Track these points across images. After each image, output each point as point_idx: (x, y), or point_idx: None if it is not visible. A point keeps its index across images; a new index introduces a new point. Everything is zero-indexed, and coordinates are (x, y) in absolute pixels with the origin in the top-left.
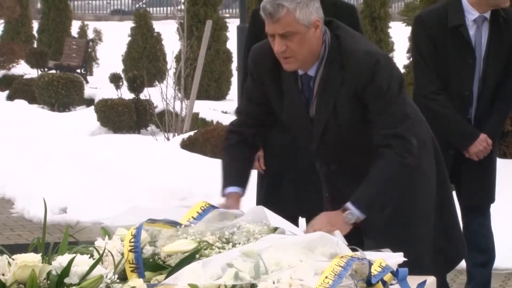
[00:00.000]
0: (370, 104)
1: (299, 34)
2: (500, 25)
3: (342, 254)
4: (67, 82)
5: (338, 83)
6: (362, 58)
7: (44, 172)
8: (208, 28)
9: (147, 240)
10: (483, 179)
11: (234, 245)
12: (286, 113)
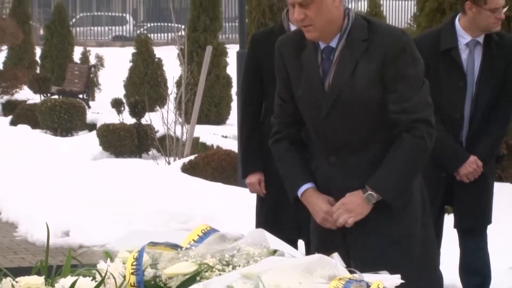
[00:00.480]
0: (393, 86)
1: (317, 3)
2: (493, 49)
3: (341, 276)
4: (69, 107)
5: (360, 52)
6: (393, 31)
7: (47, 196)
8: (208, 53)
9: (148, 262)
10: (478, 201)
11: (234, 267)
12: (302, 91)
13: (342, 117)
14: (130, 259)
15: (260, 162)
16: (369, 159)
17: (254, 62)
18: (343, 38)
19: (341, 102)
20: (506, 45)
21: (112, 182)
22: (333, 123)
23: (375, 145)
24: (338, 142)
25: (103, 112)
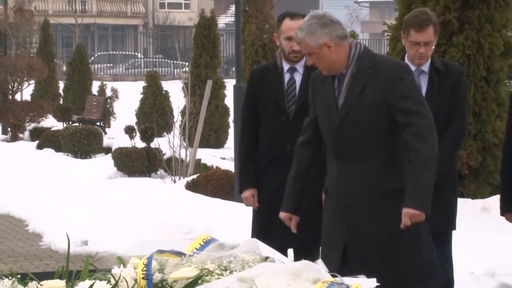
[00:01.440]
0: (395, 105)
1: (315, 54)
2: (438, 77)
3: (324, 279)
4: (88, 133)
5: (366, 77)
6: (394, 61)
7: (68, 210)
8: (208, 87)
9: (156, 268)
10: (443, 207)
11: (231, 272)
12: (321, 108)
13: (351, 129)
14: (141, 265)
15: (254, 179)
16: (371, 166)
17: (251, 93)
18: (351, 65)
19: (350, 117)
20: (451, 73)
21: (125, 198)
22: (344, 133)
23: (376, 155)
24: (346, 151)
25: (117, 137)
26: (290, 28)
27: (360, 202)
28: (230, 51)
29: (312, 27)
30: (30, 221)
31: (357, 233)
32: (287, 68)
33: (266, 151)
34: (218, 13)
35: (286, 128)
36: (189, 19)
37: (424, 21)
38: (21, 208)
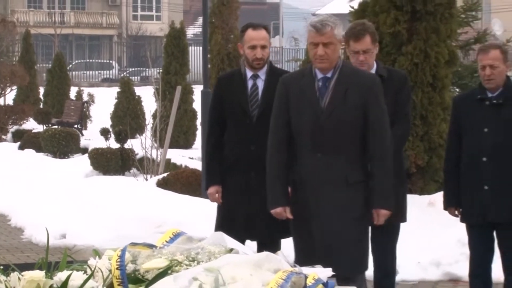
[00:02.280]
0: (370, 108)
1: (333, 45)
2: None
3: (284, 269)
4: (66, 135)
5: (348, 82)
6: (367, 71)
7: (48, 206)
8: (178, 92)
9: (129, 259)
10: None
11: (199, 262)
12: (302, 105)
13: (334, 126)
14: (115, 256)
15: (219, 177)
16: (346, 158)
17: (218, 97)
18: (337, 72)
19: (334, 116)
20: (394, 79)
21: (100, 195)
22: (329, 130)
23: (355, 145)
24: (327, 144)
25: (93, 139)
26: (253, 38)
27: (333, 190)
28: (198, 59)
29: (337, 22)
30: (12, 216)
31: (329, 217)
32: (250, 75)
33: (232, 151)
34: (186, 24)
35: (250, 130)
36: (160, 30)
37: (360, 31)
38: (4, 204)
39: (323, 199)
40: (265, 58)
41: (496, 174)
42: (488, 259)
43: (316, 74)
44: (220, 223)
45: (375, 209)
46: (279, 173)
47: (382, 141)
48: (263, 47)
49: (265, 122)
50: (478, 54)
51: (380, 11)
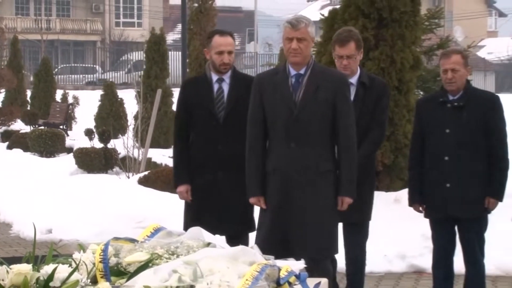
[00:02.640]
0: (339, 104)
1: (307, 41)
2: (363, 90)
3: (259, 262)
4: (52, 136)
5: (319, 79)
6: (337, 70)
7: (35, 202)
8: (158, 95)
9: (112, 253)
10: (359, 202)
11: (178, 256)
12: (276, 100)
13: (307, 118)
14: (98, 250)
15: (188, 176)
16: (317, 148)
17: (184, 100)
18: (309, 69)
19: (307, 110)
20: (375, 87)
21: (85, 192)
22: (302, 122)
23: (324, 138)
24: (300, 135)
25: (78, 139)
26: (220, 44)
27: (305, 177)
28: (177, 64)
29: (311, 21)
30: (0, 212)
31: (300, 203)
32: (216, 79)
33: (199, 151)
34: (166, 30)
35: (217, 131)
36: (141, 36)
37: (345, 38)
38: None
39: (296, 186)
40: (231, 63)
41: (457, 172)
42: (450, 252)
43: (290, 71)
44: (190, 219)
45: (340, 196)
46: (258, 163)
47: (348, 135)
48: (229, 52)
49: (231, 123)
50: (441, 59)
51: (349, 19)
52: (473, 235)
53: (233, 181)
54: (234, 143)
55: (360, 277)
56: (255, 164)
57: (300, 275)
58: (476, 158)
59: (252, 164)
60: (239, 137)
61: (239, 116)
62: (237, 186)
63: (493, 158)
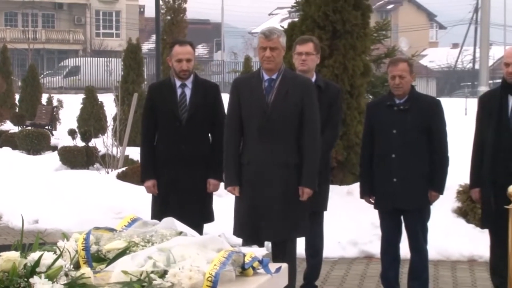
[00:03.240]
0: (306, 106)
1: (278, 50)
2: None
3: (226, 249)
4: (38, 135)
5: (289, 84)
6: (305, 76)
7: (23, 196)
8: (134, 99)
9: (93, 241)
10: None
11: (153, 244)
12: (251, 101)
13: (278, 118)
14: (81, 239)
15: (154, 172)
16: (286, 144)
17: (150, 104)
18: (281, 75)
19: (278, 111)
20: (330, 91)
21: (68, 186)
22: (273, 122)
23: (293, 136)
24: (271, 133)
25: (62, 138)
26: (179, 53)
27: (276, 170)
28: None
29: (282, 33)
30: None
31: (271, 192)
32: (179, 84)
33: (164, 150)
34: (142, 40)
35: (180, 132)
36: (119, 45)
37: (306, 38)
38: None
39: (267, 178)
40: (190, 70)
41: (403, 169)
42: (397, 239)
43: (263, 76)
44: (157, 211)
45: (301, 186)
46: (235, 155)
47: (313, 134)
48: (188, 60)
49: (193, 124)
50: (389, 66)
51: (306, 30)
52: (417, 225)
53: (194, 177)
54: (196, 143)
55: (318, 261)
56: (232, 156)
57: (263, 260)
58: (420, 156)
59: (230, 157)
60: (200, 137)
61: (200, 118)
62: (198, 182)
63: (434, 156)
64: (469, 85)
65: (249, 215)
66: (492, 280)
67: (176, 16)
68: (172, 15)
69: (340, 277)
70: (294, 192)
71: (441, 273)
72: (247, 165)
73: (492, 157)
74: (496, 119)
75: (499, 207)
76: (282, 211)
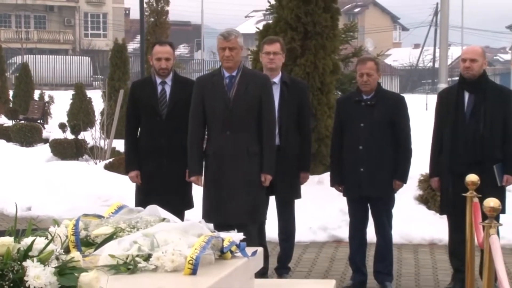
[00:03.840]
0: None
1: (237, 49)
2: (286, 89)
3: (205, 234)
4: (31, 128)
5: (248, 80)
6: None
7: (16, 185)
8: (121, 95)
9: (82, 227)
10: (291, 183)
11: (138, 229)
12: (214, 96)
13: (239, 111)
14: (70, 225)
15: (138, 163)
16: (247, 135)
17: (133, 100)
18: (240, 71)
19: (239, 104)
20: (297, 87)
21: (59, 176)
22: (235, 114)
23: (253, 127)
24: (233, 123)
25: (53, 131)
26: (159, 52)
27: (239, 159)
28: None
29: (239, 34)
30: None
31: (233, 179)
32: (159, 82)
33: (146, 143)
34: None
35: (160, 126)
36: (106, 45)
37: (273, 38)
38: None
39: (230, 165)
40: (169, 68)
41: (369, 159)
42: (364, 225)
43: (224, 73)
44: (141, 199)
45: (263, 173)
46: (198, 147)
47: (270, 124)
48: (167, 59)
49: (172, 119)
50: (357, 64)
51: (280, 31)
52: (382, 211)
53: (174, 167)
54: (175, 136)
55: (291, 244)
56: (196, 148)
57: (240, 244)
58: (385, 148)
59: (194, 149)
60: (179, 130)
61: (179, 113)
62: (177, 172)
63: (399, 148)
64: (430, 83)
65: (215, 201)
66: (451, 262)
67: (159, 18)
68: (155, 17)
69: (311, 259)
70: (255, 179)
71: (404, 255)
72: (212, 155)
73: (449, 149)
74: (453, 114)
75: (456, 194)
76: (244, 197)
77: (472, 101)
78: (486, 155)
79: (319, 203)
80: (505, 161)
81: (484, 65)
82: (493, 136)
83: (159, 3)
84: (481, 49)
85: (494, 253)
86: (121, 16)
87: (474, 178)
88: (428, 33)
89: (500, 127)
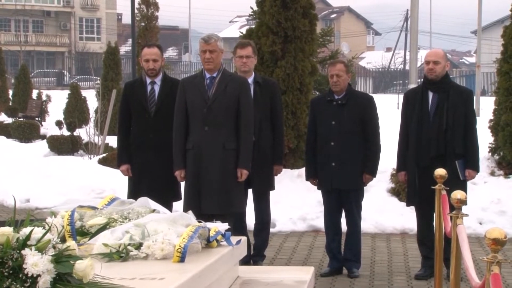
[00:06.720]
0: (241, 99)
1: (216, 52)
2: (256, 89)
3: (193, 224)
4: (29, 126)
5: (228, 81)
6: (240, 76)
7: (16, 178)
8: (113, 94)
9: (77, 217)
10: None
11: (130, 220)
12: (195, 95)
13: (218, 109)
14: (66, 215)
15: (128, 158)
16: (226, 130)
17: (125, 98)
18: (220, 73)
19: (218, 103)
20: (268, 85)
21: (55, 170)
22: (213, 111)
23: (230, 125)
24: (212, 120)
25: (50, 128)
26: (147, 54)
27: (215, 154)
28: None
29: (220, 38)
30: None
31: (211, 172)
32: (149, 81)
33: (136, 138)
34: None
35: (149, 123)
36: (100, 48)
37: (245, 43)
38: None
39: (208, 159)
40: (157, 69)
41: (340, 154)
42: (338, 215)
43: (205, 75)
44: (132, 192)
45: (239, 168)
46: (181, 143)
47: (247, 122)
48: (154, 60)
49: (160, 116)
50: (329, 66)
51: (262, 35)
52: (353, 203)
53: (162, 162)
54: (163, 132)
55: (266, 233)
56: (180, 144)
57: (225, 234)
58: (355, 144)
59: (178, 144)
60: (166, 127)
61: (167, 111)
62: (165, 165)
63: (368, 144)
64: (401, 83)
65: (193, 192)
66: (420, 250)
67: (150, 23)
68: (146, 22)
69: (291, 248)
70: (231, 172)
71: (378, 244)
72: (192, 149)
73: (415, 145)
74: (418, 112)
75: (422, 187)
76: (220, 188)
77: (435, 100)
78: (449, 149)
79: (299, 195)
80: (466, 156)
81: (446, 67)
82: (454, 133)
83: (149, 9)
84: (443, 52)
85: (461, 241)
86: (114, 21)
87: (442, 172)
88: (399, 38)
89: (462, 124)
